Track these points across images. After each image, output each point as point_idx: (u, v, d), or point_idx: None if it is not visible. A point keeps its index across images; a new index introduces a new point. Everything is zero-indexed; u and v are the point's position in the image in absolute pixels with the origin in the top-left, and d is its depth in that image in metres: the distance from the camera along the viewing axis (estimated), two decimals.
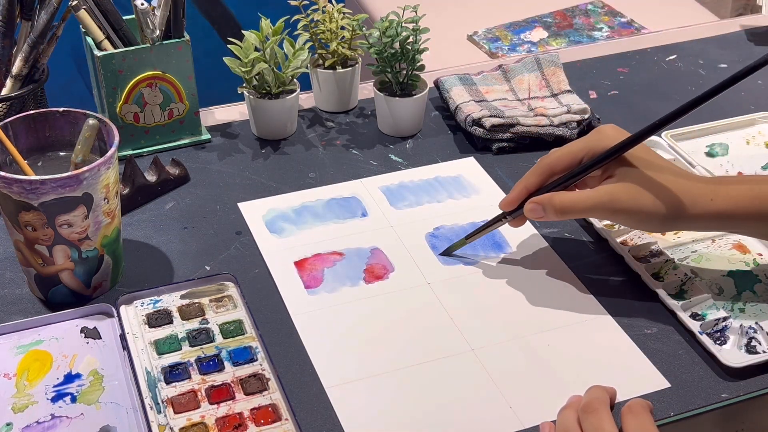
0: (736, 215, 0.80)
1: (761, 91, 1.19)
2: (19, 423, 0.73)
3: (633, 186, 0.80)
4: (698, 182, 0.81)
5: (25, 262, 0.82)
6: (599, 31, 1.77)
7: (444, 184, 1.01)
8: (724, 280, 0.87)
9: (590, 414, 0.69)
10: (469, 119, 1.05)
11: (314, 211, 0.96)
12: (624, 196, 0.80)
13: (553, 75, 1.14)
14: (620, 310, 0.85)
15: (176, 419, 0.73)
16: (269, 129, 1.06)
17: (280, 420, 0.74)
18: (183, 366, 0.78)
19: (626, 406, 0.70)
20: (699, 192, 0.80)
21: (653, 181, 0.80)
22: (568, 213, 0.82)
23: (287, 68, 1.03)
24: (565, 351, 0.80)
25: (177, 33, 1.00)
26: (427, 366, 0.79)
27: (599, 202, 0.80)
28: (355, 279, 0.88)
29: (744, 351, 0.80)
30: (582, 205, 0.81)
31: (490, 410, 0.75)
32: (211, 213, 0.96)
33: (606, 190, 0.81)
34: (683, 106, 0.77)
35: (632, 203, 0.79)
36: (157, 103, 1.02)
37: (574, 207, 0.81)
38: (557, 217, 0.82)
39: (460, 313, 0.84)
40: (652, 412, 0.70)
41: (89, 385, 0.76)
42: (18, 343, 0.80)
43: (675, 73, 1.23)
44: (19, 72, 0.95)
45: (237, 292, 0.85)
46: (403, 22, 1.04)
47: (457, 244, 0.90)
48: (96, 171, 0.77)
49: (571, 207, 0.81)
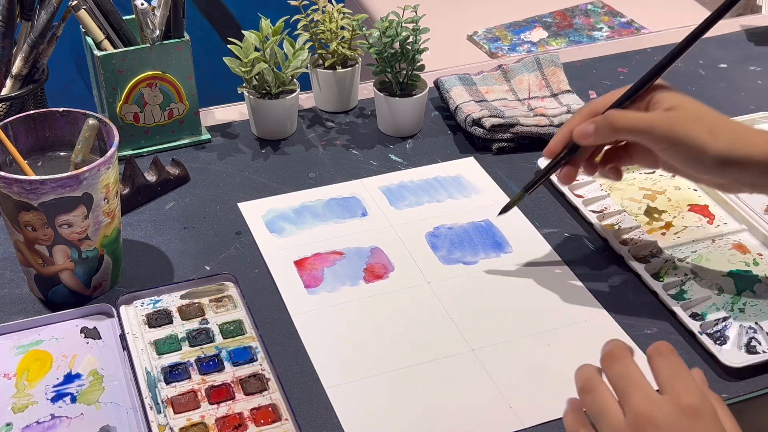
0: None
1: (761, 91, 1.19)
2: (19, 423, 0.73)
3: (690, 116, 0.76)
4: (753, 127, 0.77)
5: (25, 262, 0.82)
6: (599, 31, 1.77)
7: (444, 184, 1.01)
8: (724, 280, 0.87)
9: (615, 362, 0.64)
10: (469, 119, 1.05)
11: (314, 211, 0.96)
12: (681, 124, 0.76)
13: (553, 75, 1.14)
14: (620, 310, 0.85)
15: (176, 419, 0.73)
16: (269, 129, 1.06)
17: (280, 420, 0.74)
18: (183, 366, 0.78)
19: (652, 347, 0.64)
20: (755, 132, 0.76)
21: (710, 116, 0.76)
22: (623, 131, 0.78)
23: (287, 68, 1.03)
24: (565, 351, 0.80)
25: (177, 33, 1.00)
26: (427, 366, 0.79)
27: (656, 121, 0.76)
28: (355, 278, 0.88)
29: (744, 351, 0.80)
30: (638, 121, 0.77)
31: (490, 410, 0.75)
32: (211, 213, 0.96)
33: (664, 115, 0.77)
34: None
35: (687, 132, 0.75)
36: (157, 103, 1.02)
37: (630, 121, 0.77)
38: (611, 135, 0.78)
39: (460, 313, 0.84)
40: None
41: (89, 385, 0.76)
42: (18, 343, 0.80)
43: (675, 73, 1.23)
44: (19, 72, 0.95)
45: (237, 292, 0.85)
46: (403, 22, 1.04)
47: (515, 200, 0.88)
48: (96, 171, 0.77)
49: (627, 123, 0.77)
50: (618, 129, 0.78)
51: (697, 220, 0.95)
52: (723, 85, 1.21)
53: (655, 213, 0.96)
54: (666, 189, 0.99)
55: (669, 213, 0.96)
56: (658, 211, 0.96)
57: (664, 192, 0.99)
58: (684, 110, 0.76)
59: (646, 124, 0.77)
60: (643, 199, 0.98)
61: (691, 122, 0.76)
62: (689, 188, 1.00)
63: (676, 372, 0.62)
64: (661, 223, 0.95)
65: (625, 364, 0.63)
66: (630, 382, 0.62)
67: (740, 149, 0.75)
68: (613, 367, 0.63)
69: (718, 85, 1.21)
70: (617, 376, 0.63)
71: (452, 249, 0.92)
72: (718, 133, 0.75)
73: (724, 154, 0.75)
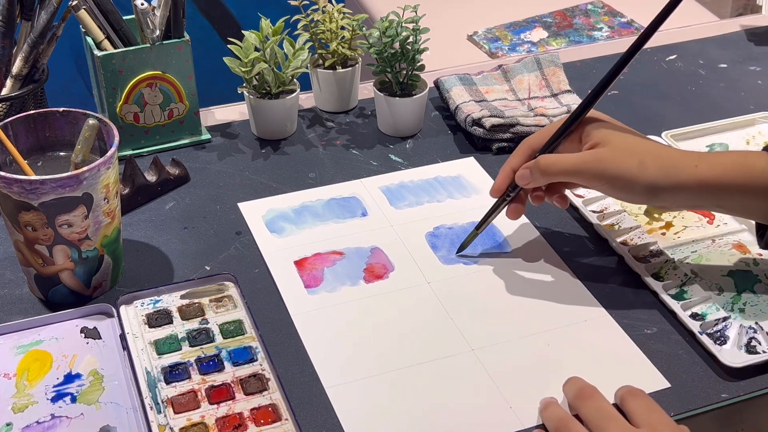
0: (721, 184, 0.77)
1: (761, 91, 1.19)
2: (19, 423, 0.73)
3: (618, 150, 0.78)
4: (681, 150, 0.80)
5: (25, 262, 0.82)
6: (599, 31, 1.77)
7: (444, 184, 1.01)
8: (724, 280, 0.87)
9: (587, 399, 0.69)
10: (469, 119, 1.05)
11: (314, 210, 0.96)
12: (609, 160, 0.78)
13: (553, 75, 1.14)
14: (620, 310, 0.85)
15: (176, 419, 0.73)
16: (269, 129, 1.06)
17: (280, 420, 0.74)
18: (183, 366, 0.78)
19: (622, 391, 0.71)
20: (683, 158, 0.78)
21: (638, 147, 0.79)
22: (553, 174, 0.81)
23: (287, 68, 1.03)
24: (565, 351, 0.80)
25: (177, 33, 1.00)
26: (427, 366, 0.79)
27: (583, 163, 0.79)
28: (355, 278, 0.88)
29: (744, 351, 0.80)
30: (566, 165, 0.80)
31: (490, 410, 0.75)
32: (211, 213, 0.96)
33: (591, 153, 0.79)
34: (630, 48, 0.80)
35: (616, 167, 0.78)
36: (157, 103, 1.02)
37: (558, 166, 0.80)
38: (544, 179, 0.81)
39: (460, 313, 0.84)
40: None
41: (89, 385, 0.76)
42: (18, 343, 0.80)
43: (675, 73, 1.23)
44: (19, 72, 0.95)
45: (237, 292, 0.85)
46: (403, 22, 1.04)
47: (468, 239, 0.91)
48: (96, 171, 0.77)
49: (555, 166, 0.80)
50: (549, 174, 0.81)
51: (697, 220, 0.95)
52: (723, 85, 1.21)
53: (655, 213, 0.96)
54: None
55: (669, 213, 0.96)
56: (658, 211, 0.96)
57: None
58: (612, 145, 0.79)
59: (575, 167, 0.80)
60: None
61: (619, 157, 0.78)
62: None
63: (652, 408, 0.69)
64: (661, 223, 0.95)
65: (599, 400, 0.70)
66: (605, 417, 0.68)
67: (670, 178, 0.77)
68: (587, 405, 0.70)
69: (718, 85, 1.21)
70: (593, 412, 0.69)
71: (452, 249, 0.92)
72: (646, 165, 0.77)
73: (653, 183, 0.78)
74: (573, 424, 0.69)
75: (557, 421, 0.70)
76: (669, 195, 0.79)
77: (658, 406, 0.70)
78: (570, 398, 0.72)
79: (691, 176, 0.78)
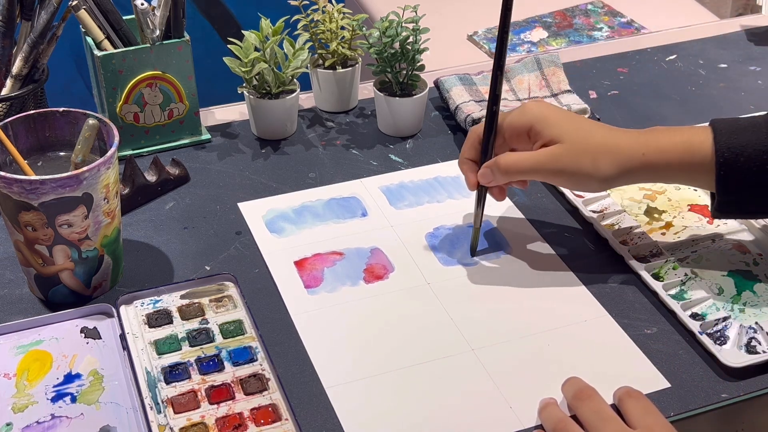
0: (667, 168, 0.82)
1: (761, 91, 1.19)
2: (19, 423, 0.73)
3: (572, 148, 0.82)
4: (630, 137, 0.83)
5: (25, 262, 0.82)
6: (599, 31, 1.77)
7: (444, 184, 1.01)
8: (724, 280, 0.87)
9: (586, 401, 0.71)
10: (469, 119, 1.05)
11: (314, 211, 0.96)
12: (564, 158, 0.82)
13: (553, 75, 1.14)
14: (620, 310, 0.85)
15: (176, 419, 0.73)
16: (269, 129, 1.06)
17: (280, 420, 0.74)
18: (183, 366, 0.78)
19: (620, 392, 0.72)
20: (632, 147, 0.82)
21: (590, 142, 0.82)
22: (513, 173, 0.84)
23: (287, 68, 1.03)
24: (565, 351, 0.80)
25: (177, 33, 1.00)
26: (427, 366, 0.79)
27: (540, 162, 0.83)
28: (355, 279, 0.88)
29: (744, 351, 0.80)
30: (524, 165, 0.84)
31: (490, 410, 0.75)
32: (211, 213, 0.96)
33: (547, 152, 0.83)
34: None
35: (572, 165, 0.82)
36: (157, 103, 1.02)
37: (518, 167, 0.84)
38: (505, 178, 0.85)
39: (460, 313, 0.84)
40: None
41: (89, 385, 0.76)
42: (18, 343, 0.80)
43: (675, 73, 1.23)
44: (19, 72, 0.95)
45: (237, 292, 0.85)
46: (403, 22, 1.04)
47: (474, 239, 0.91)
48: (96, 171, 0.77)
49: (515, 167, 0.84)
50: (509, 173, 0.85)
51: (697, 220, 0.95)
52: (723, 85, 1.21)
53: (655, 213, 0.96)
54: (666, 189, 0.99)
55: (669, 213, 0.96)
56: (658, 211, 0.96)
57: (664, 192, 0.99)
58: (566, 143, 0.82)
59: (533, 167, 0.83)
60: (643, 199, 0.98)
61: (574, 155, 0.82)
62: (689, 188, 1.00)
63: (648, 410, 0.70)
64: (661, 223, 0.95)
65: (597, 402, 0.71)
66: (603, 418, 0.69)
67: (621, 169, 0.82)
68: (585, 406, 0.71)
69: (718, 85, 1.21)
70: (590, 414, 0.71)
71: (452, 250, 0.92)
72: (600, 161, 0.82)
73: (607, 177, 0.82)
74: (570, 426, 0.70)
75: (555, 423, 0.71)
76: (621, 182, 0.84)
77: (655, 408, 0.71)
78: (569, 399, 0.73)
79: (640, 164, 0.82)
